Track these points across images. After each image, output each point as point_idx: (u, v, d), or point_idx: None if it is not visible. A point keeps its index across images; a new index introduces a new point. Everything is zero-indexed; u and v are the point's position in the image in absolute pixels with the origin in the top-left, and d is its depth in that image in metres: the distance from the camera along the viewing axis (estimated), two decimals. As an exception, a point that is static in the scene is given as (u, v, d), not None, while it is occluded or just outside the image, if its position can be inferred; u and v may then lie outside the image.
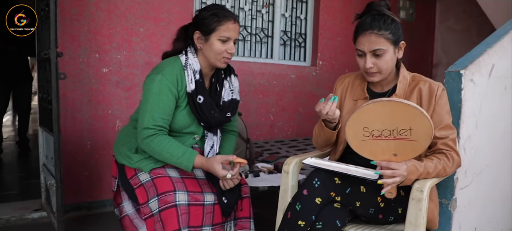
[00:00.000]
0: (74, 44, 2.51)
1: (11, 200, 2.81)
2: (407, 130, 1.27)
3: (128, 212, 1.79)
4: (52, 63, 2.06)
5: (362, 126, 1.31)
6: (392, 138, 1.30)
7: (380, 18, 1.40)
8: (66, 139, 2.51)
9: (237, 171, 1.53)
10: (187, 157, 1.49)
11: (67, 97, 2.51)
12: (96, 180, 2.68)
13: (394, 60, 1.44)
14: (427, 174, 1.33)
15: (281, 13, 3.38)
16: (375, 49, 1.39)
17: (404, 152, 1.31)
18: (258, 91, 3.20)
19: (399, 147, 1.31)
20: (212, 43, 1.54)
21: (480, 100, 1.68)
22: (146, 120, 1.49)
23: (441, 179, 1.43)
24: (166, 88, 1.51)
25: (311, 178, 1.38)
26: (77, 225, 2.46)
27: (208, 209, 1.54)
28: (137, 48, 2.70)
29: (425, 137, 1.27)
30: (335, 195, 1.36)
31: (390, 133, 1.29)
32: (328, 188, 1.36)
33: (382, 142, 1.31)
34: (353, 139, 1.35)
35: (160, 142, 1.49)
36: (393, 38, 1.39)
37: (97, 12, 2.56)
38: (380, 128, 1.30)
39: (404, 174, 1.29)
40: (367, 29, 1.40)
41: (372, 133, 1.31)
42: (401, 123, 1.28)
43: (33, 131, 6.95)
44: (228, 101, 1.69)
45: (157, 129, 1.50)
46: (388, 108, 1.28)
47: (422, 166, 1.32)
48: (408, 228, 1.31)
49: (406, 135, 1.28)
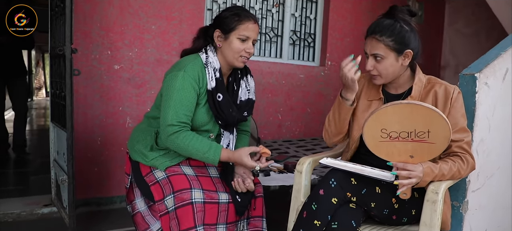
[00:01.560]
0: (87, 40, 2.53)
1: (20, 195, 2.83)
2: (425, 132, 1.28)
3: (140, 209, 1.81)
4: (66, 60, 2.08)
5: (380, 127, 1.32)
6: (410, 140, 1.31)
7: (388, 24, 1.40)
8: (77, 135, 2.52)
9: (266, 164, 1.55)
10: (213, 151, 1.50)
11: (79, 93, 2.53)
12: (105, 176, 2.70)
13: (396, 67, 1.44)
14: (442, 176, 1.34)
15: (291, 13, 3.39)
16: (374, 54, 1.42)
17: (421, 154, 1.32)
18: (267, 91, 3.21)
19: (416, 149, 1.32)
20: (231, 42, 1.56)
21: (493, 103, 1.69)
22: (170, 117, 1.50)
23: (455, 181, 1.44)
24: (189, 85, 1.52)
25: (328, 178, 1.39)
26: (87, 220, 2.48)
27: (223, 207, 1.55)
28: (149, 46, 2.71)
29: (443, 139, 1.28)
30: (351, 195, 1.38)
31: (408, 135, 1.30)
32: (344, 188, 1.37)
33: (399, 144, 1.32)
34: (370, 140, 1.36)
35: (185, 138, 1.50)
36: (395, 46, 1.40)
37: (109, 9, 2.57)
38: (398, 130, 1.31)
39: (420, 175, 1.30)
40: (371, 33, 1.43)
41: (390, 135, 1.32)
42: (420, 125, 1.29)
43: (37, 126, 7.00)
44: (245, 100, 1.70)
45: (182, 126, 1.51)
46: (408, 110, 1.28)
47: (437, 168, 1.33)
48: (423, 229, 1.32)
49: (424, 137, 1.29)
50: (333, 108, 1.59)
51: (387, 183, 1.37)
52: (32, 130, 6.39)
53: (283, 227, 1.65)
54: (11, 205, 2.58)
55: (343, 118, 1.55)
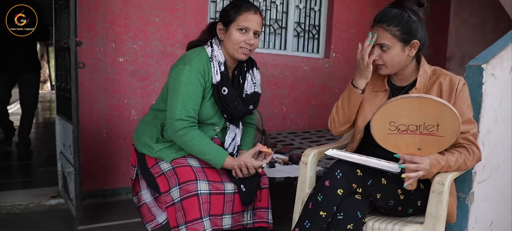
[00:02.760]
0: (91, 33, 2.53)
1: (28, 187, 2.86)
2: (434, 126, 1.28)
3: (146, 200, 1.82)
4: (71, 53, 2.08)
5: (389, 120, 1.32)
6: (418, 133, 1.30)
7: (395, 13, 1.40)
8: (82, 127, 2.53)
9: (269, 159, 1.60)
10: (218, 156, 1.53)
11: (84, 86, 2.54)
12: (111, 168, 2.72)
13: (402, 57, 1.43)
14: (448, 168, 1.34)
15: (295, 5, 3.37)
16: (380, 43, 1.41)
17: (429, 147, 1.31)
18: (271, 83, 3.20)
19: (424, 142, 1.31)
20: (231, 33, 1.56)
21: (500, 94, 1.68)
22: (178, 111, 1.50)
23: (461, 172, 1.44)
24: (195, 78, 1.52)
25: (333, 169, 1.39)
26: (93, 212, 2.50)
27: (229, 198, 1.56)
28: (153, 38, 2.71)
29: (452, 133, 1.27)
30: (357, 186, 1.37)
31: (417, 128, 1.30)
32: (350, 179, 1.37)
33: (407, 137, 1.32)
34: (378, 132, 1.35)
35: (193, 137, 1.51)
36: (402, 35, 1.39)
37: (113, 1, 2.57)
38: (406, 123, 1.30)
39: (427, 168, 1.30)
40: (378, 22, 1.42)
41: (398, 128, 1.31)
42: (429, 119, 1.28)
43: (43, 119, 7.04)
44: (250, 94, 1.70)
45: (190, 121, 1.52)
46: (417, 104, 1.28)
47: (444, 159, 1.33)
48: (428, 220, 1.32)
49: (433, 131, 1.28)
50: (342, 97, 1.58)
51: (393, 174, 1.37)
52: (37, 123, 6.42)
53: (289, 218, 1.66)
54: (19, 197, 2.60)
55: (353, 107, 1.54)
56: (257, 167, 1.55)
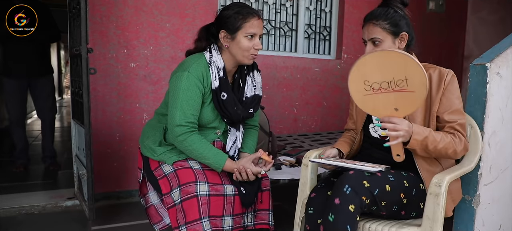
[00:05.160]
0: (104, 40, 2.62)
1: (48, 188, 2.98)
2: (403, 80, 1.30)
3: (153, 202, 1.87)
4: (83, 59, 2.16)
5: (363, 79, 1.36)
6: (391, 90, 1.33)
7: (382, 10, 1.49)
8: (96, 131, 2.63)
9: (270, 166, 1.62)
10: (218, 160, 1.56)
11: (97, 91, 2.63)
12: (124, 171, 2.79)
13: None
14: (434, 141, 1.36)
15: (305, 7, 3.37)
16: (372, 38, 1.48)
17: (404, 105, 1.34)
18: (281, 85, 3.21)
19: (398, 100, 1.33)
20: (239, 41, 1.57)
21: (507, 94, 1.64)
22: (177, 117, 1.54)
23: (459, 173, 1.42)
24: (194, 84, 1.56)
25: (341, 184, 1.34)
26: (107, 213, 2.58)
27: (229, 200, 1.58)
28: (163, 43, 2.78)
29: (420, 86, 1.29)
30: (366, 198, 1.32)
31: (389, 85, 1.32)
32: (359, 193, 1.31)
33: (382, 96, 1.35)
34: (355, 94, 1.39)
35: (193, 142, 1.55)
36: (391, 28, 1.47)
37: (125, 9, 2.65)
38: (379, 80, 1.33)
39: (406, 129, 1.32)
40: (367, 20, 1.51)
41: (372, 86, 1.35)
42: (397, 73, 1.31)
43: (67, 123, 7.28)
44: (250, 97, 1.72)
45: (190, 126, 1.55)
46: (383, 57, 1.32)
47: (427, 130, 1.37)
48: (425, 222, 1.31)
49: (403, 86, 1.30)
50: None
51: (395, 179, 1.39)
52: (62, 127, 6.66)
53: (293, 220, 1.67)
54: (37, 198, 2.72)
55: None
56: (255, 173, 1.57)
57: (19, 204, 2.57)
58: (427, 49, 3.69)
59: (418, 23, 3.68)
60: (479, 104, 1.59)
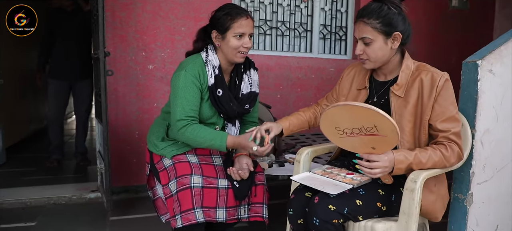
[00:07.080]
0: (124, 44, 2.80)
1: (76, 181, 3.23)
2: (373, 127, 1.27)
3: (160, 194, 1.99)
4: (100, 62, 2.34)
5: (334, 126, 1.35)
6: (363, 134, 1.30)
7: (374, 7, 1.40)
8: (117, 129, 2.82)
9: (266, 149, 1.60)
10: (220, 138, 1.63)
11: (118, 91, 2.82)
12: (142, 167, 2.96)
13: (385, 50, 1.43)
14: (420, 164, 1.33)
15: (320, 7, 3.40)
16: (362, 37, 1.42)
17: (380, 145, 1.31)
18: (295, 85, 3.27)
19: (373, 142, 1.30)
20: (228, 40, 1.67)
21: (501, 92, 1.61)
22: (178, 113, 1.65)
23: (442, 170, 1.42)
24: (191, 82, 1.67)
25: (310, 218, 1.39)
26: (126, 205, 2.76)
27: (222, 192, 1.68)
28: (179, 46, 2.92)
29: (391, 132, 1.25)
30: (337, 220, 1.36)
31: (360, 131, 1.30)
32: (328, 219, 1.35)
33: (356, 138, 1.32)
34: (331, 136, 1.40)
35: (194, 130, 1.64)
36: (382, 28, 1.39)
37: (143, 14, 2.82)
38: (349, 127, 1.32)
39: (386, 165, 1.30)
40: (359, 17, 1.43)
41: (345, 131, 1.33)
42: (365, 122, 1.28)
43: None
44: (246, 94, 1.80)
45: (190, 119, 1.66)
46: (348, 111, 1.29)
47: (412, 155, 1.32)
48: (401, 217, 1.33)
49: (374, 132, 1.27)
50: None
51: (367, 190, 1.40)
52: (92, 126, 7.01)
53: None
54: (65, 190, 2.95)
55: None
56: (248, 147, 1.60)
57: (48, 195, 2.81)
58: (449, 48, 3.59)
59: (439, 21, 3.60)
60: (471, 102, 1.58)
